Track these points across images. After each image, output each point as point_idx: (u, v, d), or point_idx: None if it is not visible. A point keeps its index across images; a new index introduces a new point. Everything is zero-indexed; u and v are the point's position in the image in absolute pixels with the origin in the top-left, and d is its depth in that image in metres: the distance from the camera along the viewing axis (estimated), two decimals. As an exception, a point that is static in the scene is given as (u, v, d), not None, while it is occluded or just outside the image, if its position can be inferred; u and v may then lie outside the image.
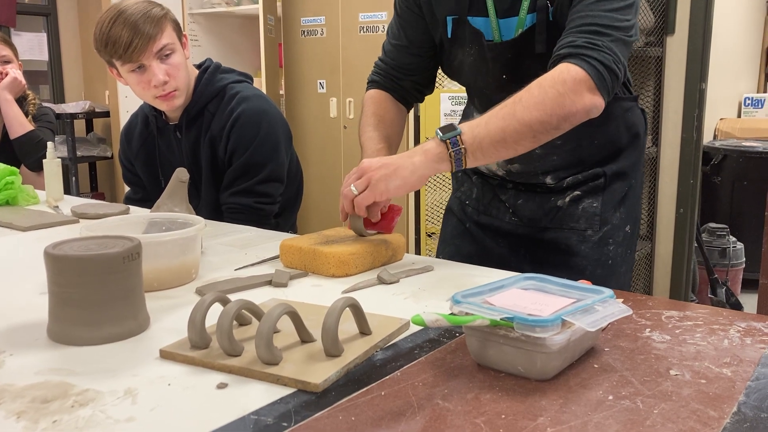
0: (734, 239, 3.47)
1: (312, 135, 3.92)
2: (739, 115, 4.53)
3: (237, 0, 4.22)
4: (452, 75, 1.43)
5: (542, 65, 1.18)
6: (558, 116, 1.10)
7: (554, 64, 1.14)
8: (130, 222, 1.18)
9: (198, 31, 4.35)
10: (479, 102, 1.42)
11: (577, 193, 1.37)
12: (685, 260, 2.93)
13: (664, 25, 2.78)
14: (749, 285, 3.35)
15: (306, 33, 3.84)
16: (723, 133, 4.18)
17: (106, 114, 4.77)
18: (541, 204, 1.40)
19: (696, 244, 3.08)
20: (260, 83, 3.69)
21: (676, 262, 2.93)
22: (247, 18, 4.35)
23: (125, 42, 1.54)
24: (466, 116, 1.51)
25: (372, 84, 1.48)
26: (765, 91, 4.85)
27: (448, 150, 1.11)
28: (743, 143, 3.85)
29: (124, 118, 4.08)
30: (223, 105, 1.72)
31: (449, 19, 1.33)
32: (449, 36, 1.34)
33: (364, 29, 3.59)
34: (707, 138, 4.07)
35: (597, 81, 1.11)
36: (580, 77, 1.10)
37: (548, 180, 1.37)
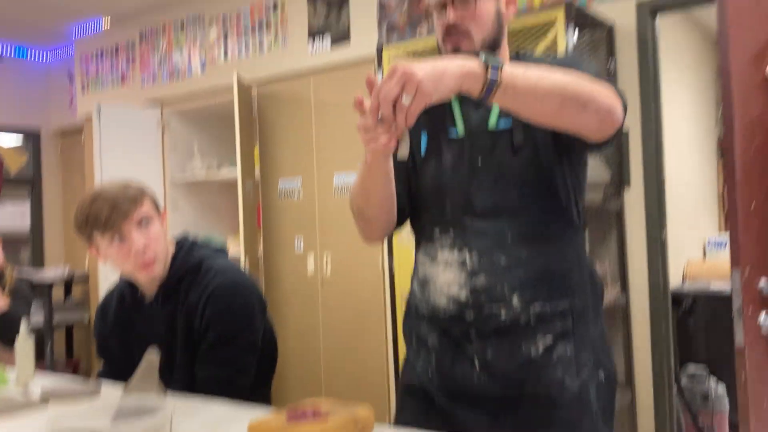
0: (715, 383, 3.45)
1: (290, 294, 3.95)
2: (704, 257, 4.66)
3: (217, 167, 4.40)
4: (420, 192, 1.49)
5: (516, 154, 1.37)
6: (589, 95, 1.19)
7: None
8: (99, 408, 1.18)
9: (179, 198, 4.49)
10: (448, 212, 1.43)
11: (549, 341, 1.36)
12: (667, 408, 2.90)
13: (620, 179, 2.94)
14: (737, 429, 3.30)
15: (283, 195, 3.98)
16: (691, 276, 4.28)
17: (86, 279, 4.79)
18: (512, 353, 1.36)
19: (677, 391, 3.07)
20: (239, 244, 3.77)
21: (659, 411, 2.90)
22: (226, 183, 4.52)
23: (105, 215, 1.63)
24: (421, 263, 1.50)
25: None
26: (725, 232, 5.03)
27: (486, 74, 1.13)
28: (711, 285, 3.94)
29: (103, 284, 4.10)
30: (199, 279, 1.77)
31: (424, 137, 1.48)
32: (423, 152, 1.48)
33: (339, 189, 3.74)
34: (676, 281, 4.16)
35: (623, 107, 1.28)
36: (611, 87, 1.28)
37: (515, 301, 1.35)
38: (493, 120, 1.41)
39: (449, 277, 1.41)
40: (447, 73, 1.12)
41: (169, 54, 4.59)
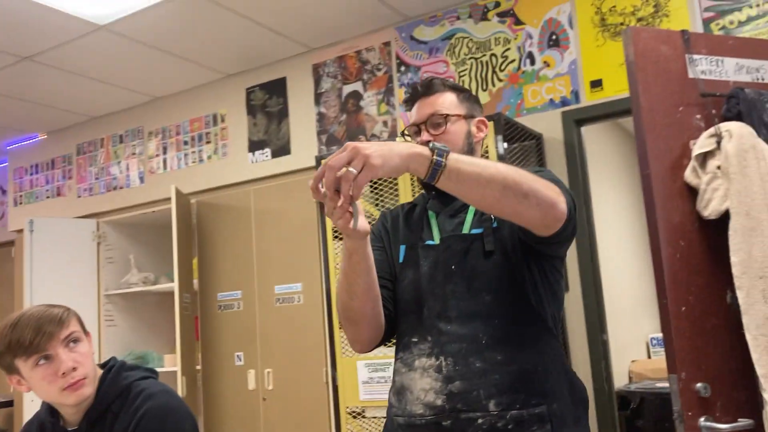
0: (667, 486, 3.39)
1: (230, 409, 3.79)
2: (649, 356, 4.70)
3: (154, 279, 4.30)
4: (399, 295, 1.54)
5: (488, 260, 1.43)
6: (530, 187, 1.25)
7: None
8: None
9: (113, 310, 4.34)
10: (425, 319, 1.46)
11: None
12: None
13: (559, 283, 2.98)
14: None
15: (222, 307, 3.89)
16: (637, 375, 4.30)
17: (10, 404, 4.50)
18: None
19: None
20: (176, 359, 3.63)
21: None
22: (163, 294, 4.40)
23: (29, 338, 1.53)
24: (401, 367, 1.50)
25: None
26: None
27: (432, 158, 1.20)
28: (657, 384, 3.95)
29: (28, 408, 3.85)
30: (128, 403, 1.68)
31: (402, 247, 1.56)
32: (401, 261, 1.55)
33: (281, 300, 3.68)
34: (623, 381, 4.16)
35: (568, 205, 1.32)
36: (556, 185, 1.33)
37: (491, 406, 1.34)
38: (466, 227, 1.50)
39: (425, 383, 1.42)
40: (395, 151, 1.18)
41: (106, 166, 4.56)
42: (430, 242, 1.53)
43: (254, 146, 3.93)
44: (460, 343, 1.40)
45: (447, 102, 1.58)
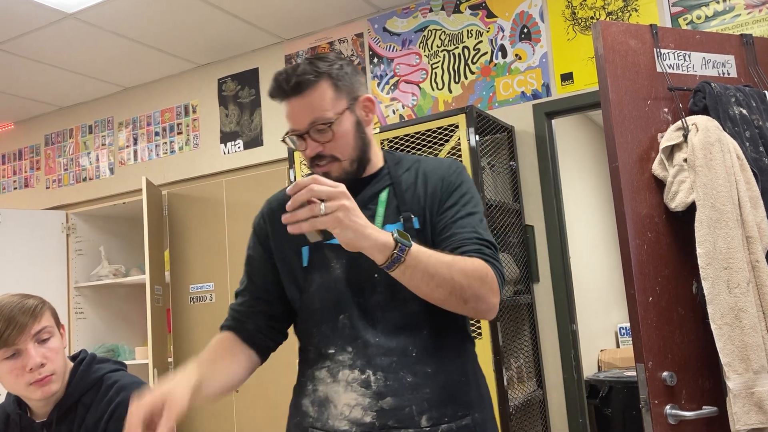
0: (635, 472, 3.46)
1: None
2: (617, 345, 4.78)
3: (125, 271, 4.25)
4: (307, 304, 1.41)
5: None
6: (474, 296, 1.26)
7: (468, 253, 1.30)
8: None
9: (84, 303, 4.28)
10: (343, 329, 1.36)
11: None
12: (590, 503, 2.88)
13: (529, 275, 3.02)
14: None
15: (195, 299, 3.87)
16: (606, 364, 4.37)
17: (-23, 397, 4.43)
18: None
19: (598, 484, 3.06)
20: (147, 351, 3.60)
21: (582, 507, 2.87)
22: (135, 287, 4.35)
23: None
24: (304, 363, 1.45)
25: (222, 329, 1.51)
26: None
27: (393, 251, 1.17)
28: (625, 373, 4.02)
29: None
30: (100, 396, 1.67)
31: (304, 249, 1.41)
32: (305, 264, 1.41)
33: (253, 292, 3.66)
34: (592, 370, 4.23)
35: (500, 291, 1.32)
36: (495, 283, 1.30)
37: (423, 422, 1.31)
38: (379, 223, 1.39)
39: (350, 398, 1.34)
40: (368, 236, 1.16)
41: (76, 157, 4.50)
42: (335, 241, 1.37)
43: (226, 137, 3.91)
44: (389, 356, 1.33)
45: (326, 99, 1.35)
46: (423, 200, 1.41)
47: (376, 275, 1.35)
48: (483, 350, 2.62)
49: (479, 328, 2.65)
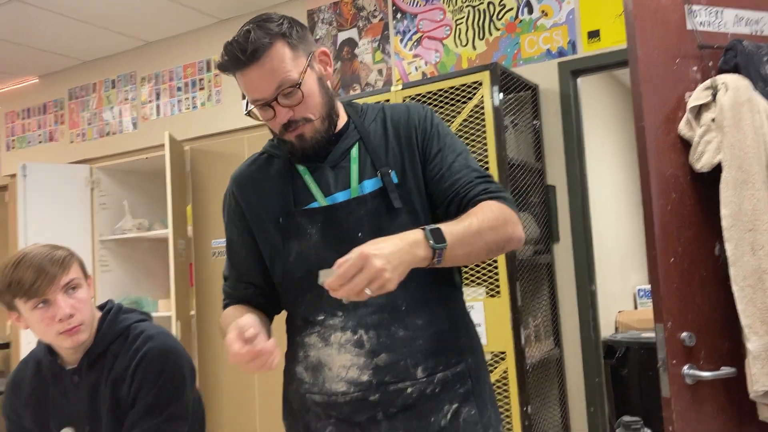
0: (649, 431, 3.50)
1: (223, 354, 3.83)
2: (635, 307, 4.78)
3: (148, 225, 4.31)
4: (288, 273, 1.39)
5: (396, 220, 1.33)
6: (506, 240, 1.29)
7: (478, 202, 1.31)
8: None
9: (108, 256, 4.36)
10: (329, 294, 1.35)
11: (454, 406, 1.36)
12: (604, 460, 2.92)
13: (549, 235, 3.02)
14: (672, 478, 3.33)
15: (217, 254, 3.91)
16: (623, 326, 4.38)
17: (6, 346, 4.56)
18: (422, 426, 1.34)
19: (613, 442, 3.09)
20: (170, 304, 3.67)
21: (596, 463, 2.92)
22: (158, 241, 4.42)
23: (30, 280, 1.55)
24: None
25: (224, 307, 1.51)
26: (656, 282, 5.18)
27: (433, 259, 1.18)
28: (642, 334, 4.03)
29: (24, 350, 3.90)
30: (128, 344, 1.71)
31: (280, 219, 1.38)
32: (281, 231, 1.38)
33: (274, 248, 3.70)
34: (609, 331, 4.25)
35: (520, 219, 1.35)
36: (512, 214, 1.32)
37: (419, 373, 1.33)
38: (354, 180, 1.36)
39: (345, 360, 1.33)
40: (404, 260, 1.13)
41: (99, 111, 4.52)
42: (313, 205, 1.37)
43: (248, 93, 3.90)
44: (380, 313, 1.32)
45: (286, 61, 1.29)
46: (398, 152, 1.39)
47: (359, 234, 1.32)
48: (501, 309, 2.64)
49: (498, 286, 2.67)
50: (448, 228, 1.20)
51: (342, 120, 1.43)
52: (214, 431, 3.68)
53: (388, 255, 1.10)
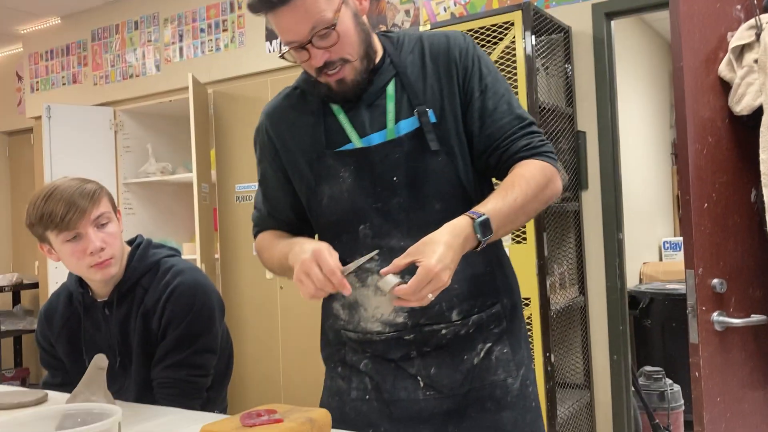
0: (671, 381, 3.51)
1: (248, 297, 3.89)
2: (660, 259, 4.75)
3: (172, 169, 4.32)
4: (322, 216, 1.37)
5: (433, 162, 1.29)
6: (546, 201, 1.30)
7: (519, 160, 1.30)
8: (43, 416, 1.13)
9: (132, 199, 4.39)
10: (366, 237, 1.32)
11: (488, 346, 1.36)
12: (625, 407, 2.93)
13: (578, 182, 2.97)
14: (691, 427, 3.35)
15: (240, 198, 3.92)
16: (648, 277, 4.35)
17: (35, 286, 4.65)
18: (455, 365, 1.34)
19: (634, 390, 3.11)
20: (194, 248, 3.70)
21: (617, 410, 2.93)
22: (182, 185, 4.43)
23: (61, 213, 1.55)
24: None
25: (255, 234, 1.50)
26: (681, 235, 5.14)
27: (479, 245, 1.19)
28: (667, 286, 4.01)
29: (53, 290, 3.98)
30: (158, 278, 1.72)
31: (311, 158, 1.35)
32: (314, 176, 1.35)
33: (297, 193, 3.69)
34: (633, 282, 4.23)
35: (559, 171, 1.33)
36: (554, 172, 1.31)
37: (454, 316, 1.32)
38: (391, 120, 1.31)
39: (381, 301, 1.32)
40: (456, 256, 1.16)
41: (122, 53, 4.49)
42: (348, 147, 1.32)
43: (272, 35, 3.84)
44: None
45: (319, 0, 1.21)
46: (437, 88, 1.33)
47: (395, 178, 1.30)
48: (527, 255, 2.62)
49: (524, 233, 2.64)
50: (495, 211, 1.20)
51: (378, 54, 1.35)
52: (238, 377, 3.75)
53: (451, 263, 1.14)
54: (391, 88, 1.33)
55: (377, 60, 1.35)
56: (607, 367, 2.94)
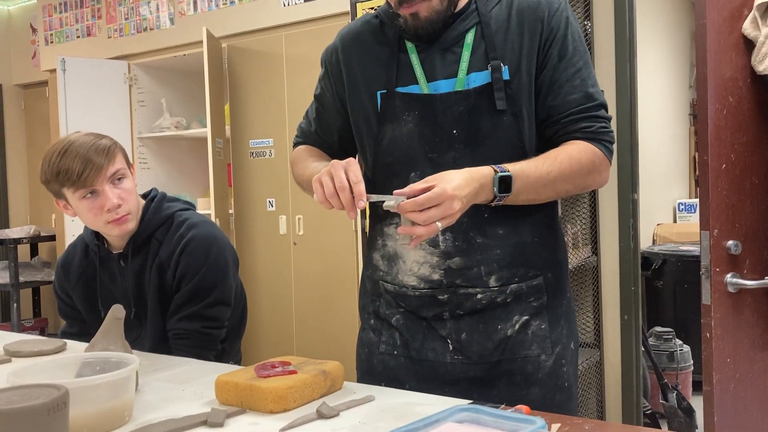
0: (680, 342, 3.53)
1: (262, 252, 3.93)
2: (674, 220, 4.72)
3: (186, 124, 4.32)
4: (379, 156, 1.36)
5: (497, 121, 1.27)
6: (582, 189, 1.31)
7: (570, 138, 1.28)
8: (62, 364, 1.16)
9: (147, 153, 4.41)
10: (414, 177, 1.29)
11: (524, 318, 1.32)
12: (634, 367, 2.95)
13: (594, 141, 2.94)
14: (700, 387, 3.38)
15: (255, 154, 3.92)
16: (661, 238, 4.34)
17: (52, 238, 4.71)
18: (488, 333, 1.31)
19: (644, 350, 3.12)
20: (209, 203, 3.72)
21: (626, 369, 2.95)
22: (196, 140, 4.44)
23: (77, 170, 1.56)
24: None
25: (297, 144, 1.52)
26: (696, 197, 5.10)
27: (495, 198, 1.19)
28: (680, 247, 4.00)
29: (70, 242, 4.03)
30: (172, 231, 1.74)
31: (379, 94, 1.34)
32: (379, 111, 1.33)
33: (311, 149, 3.69)
34: (646, 243, 4.22)
35: (610, 161, 1.33)
36: (603, 162, 1.30)
37: (492, 282, 1.30)
38: (463, 71, 1.28)
39: (419, 256, 1.32)
40: (471, 203, 1.16)
41: (136, 6, 4.45)
42: (414, 90, 1.30)
43: (287, -11, 3.79)
44: (460, 217, 1.25)
45: None
46: (518, 46, 1.28)
47: (455, 132, 1.28)
48: (540, 214, 2.61)
49: (538, 192, 2.63)
50: (522, 173, 1.19)
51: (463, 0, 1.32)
52: (251, 331, 3.80)
53: (465, 197, 1.12)
54: (470, 37, 1.30)
55: (462, 4, 1.31)
56: (618, 326, 2.95)
